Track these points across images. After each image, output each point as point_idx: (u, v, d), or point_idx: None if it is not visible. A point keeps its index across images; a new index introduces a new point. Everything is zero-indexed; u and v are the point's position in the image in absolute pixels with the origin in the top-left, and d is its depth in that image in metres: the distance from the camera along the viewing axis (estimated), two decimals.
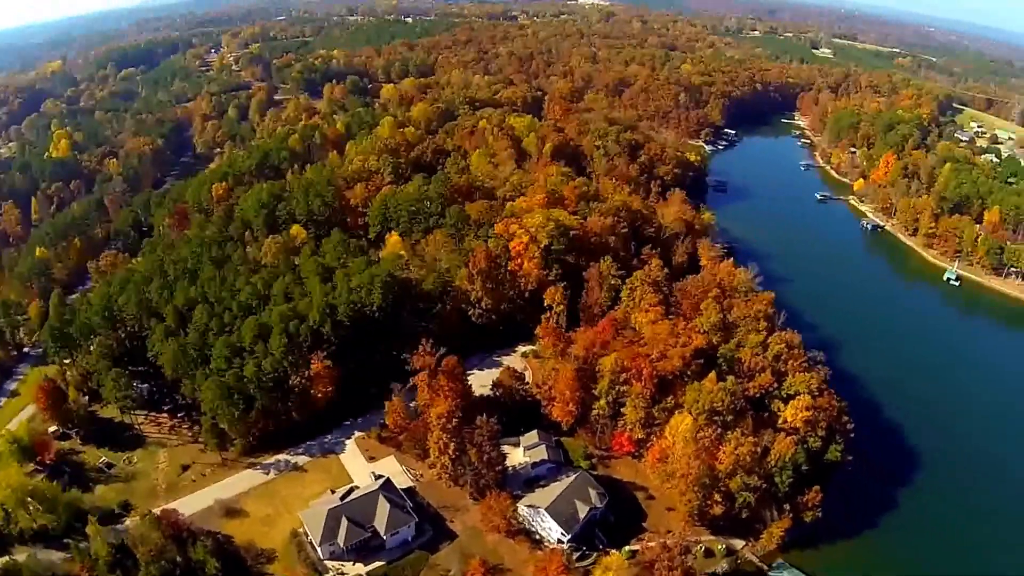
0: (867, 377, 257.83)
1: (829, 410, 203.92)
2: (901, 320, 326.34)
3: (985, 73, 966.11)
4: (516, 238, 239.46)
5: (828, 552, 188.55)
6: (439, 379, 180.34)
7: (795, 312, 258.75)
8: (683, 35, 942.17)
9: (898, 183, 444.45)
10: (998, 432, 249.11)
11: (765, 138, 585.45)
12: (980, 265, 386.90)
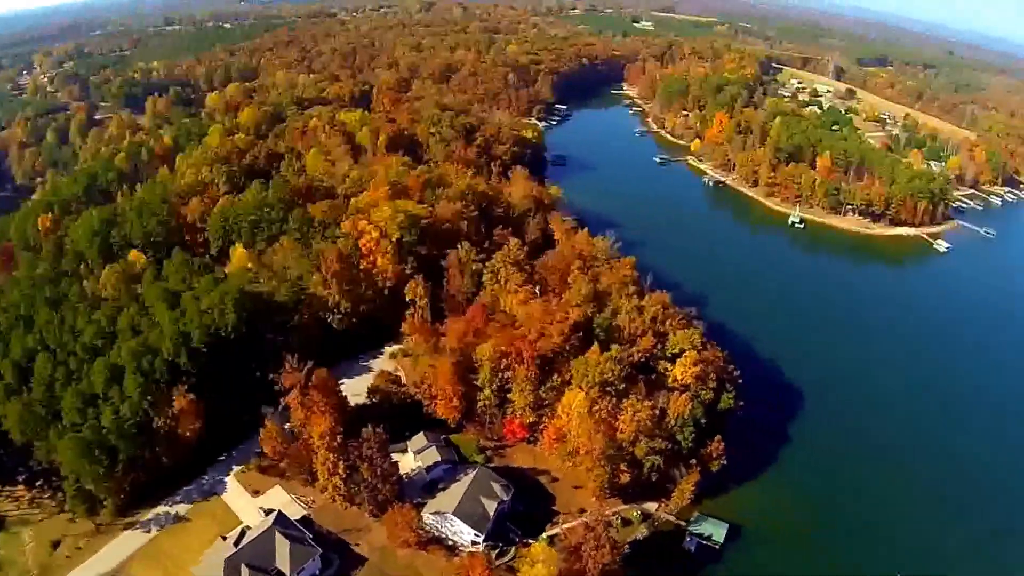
0: (736, 322, 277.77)
1: (715, 361, 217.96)
2: (757, 265, 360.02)
3: (796, 35, 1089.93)
4: (366, 235, 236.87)
5: (739, 495, 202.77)
6: (312, 395, 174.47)
7: (658, 272, 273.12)
8: (505, 18, 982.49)
9: (734, 140, 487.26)
10: (861, 352, 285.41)
11: (596, 110, 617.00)
12: (820, 207, 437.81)
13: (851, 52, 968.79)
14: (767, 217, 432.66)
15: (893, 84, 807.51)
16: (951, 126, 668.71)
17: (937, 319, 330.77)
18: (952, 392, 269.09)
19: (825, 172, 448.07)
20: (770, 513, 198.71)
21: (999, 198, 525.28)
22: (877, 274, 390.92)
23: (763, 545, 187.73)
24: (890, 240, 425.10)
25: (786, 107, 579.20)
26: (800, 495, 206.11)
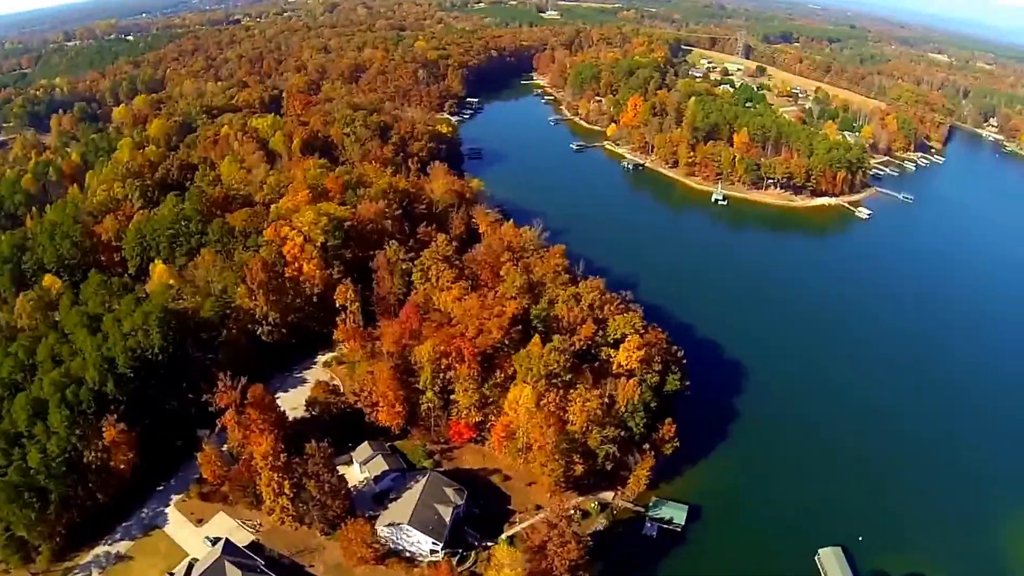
0: (669, 302, 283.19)
1: (658, 344, 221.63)
2: (684, 245, 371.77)
3: (702, 17, 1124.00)
4: (289, 241, 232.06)
5: (695, 476, 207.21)
6: (248, 413, 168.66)
7: (588, 259, 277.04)
8: (410, 15, 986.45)
9: (650, 122, 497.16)
10: (794, 323, 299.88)
11: (508, 102, 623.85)
12: (741, 183, 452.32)
13: (757, 30, 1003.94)
14: (689, 197, 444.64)
15: (801, 59, 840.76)
16: (860, 97, 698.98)
17: (865, 284, 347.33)
18: (886, 356, 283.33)
19: (744, 148, 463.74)
20: (727, 491, 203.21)
21: (913, 164, 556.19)
22: (803, 245, 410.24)
23: (724, 524, 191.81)
24: (813, 211, 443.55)
25: (700, 87, 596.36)
26: (753, 470, 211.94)
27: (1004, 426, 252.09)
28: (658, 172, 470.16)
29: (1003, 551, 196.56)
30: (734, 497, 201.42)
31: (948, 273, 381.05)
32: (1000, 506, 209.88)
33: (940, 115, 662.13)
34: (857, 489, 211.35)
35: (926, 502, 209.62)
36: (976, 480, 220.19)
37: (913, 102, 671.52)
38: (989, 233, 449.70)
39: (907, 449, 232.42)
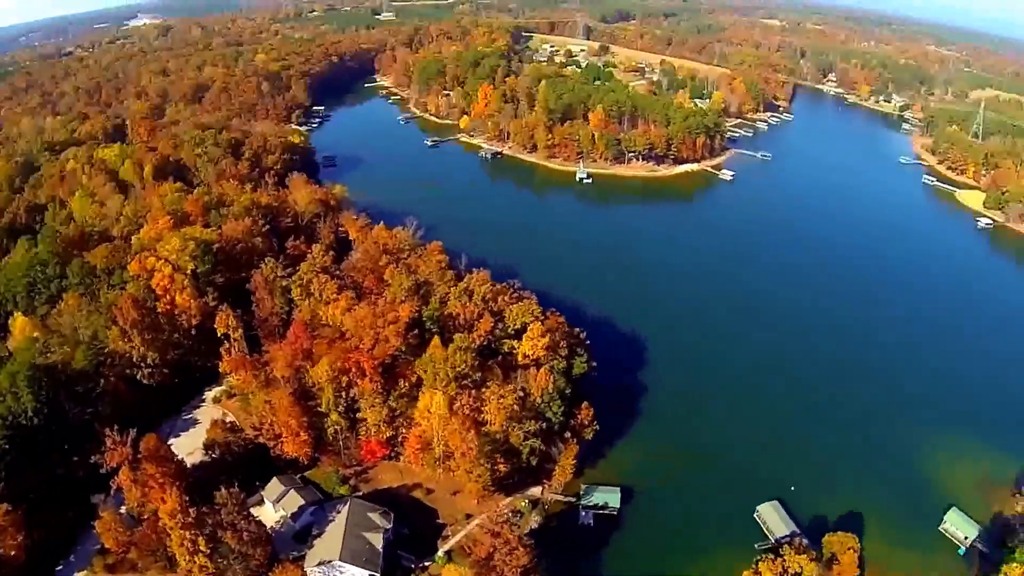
0: (555, 284, 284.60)
1: (560, 328, 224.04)
2: (555, 225, 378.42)
3: (538, 3, 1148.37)
4: (157, 273, 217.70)
5: (619, 457, 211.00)
6: (145, 468, 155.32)
7: (465, 252, 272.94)
8: (246, 29, 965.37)
9: (503, 109, 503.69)
10: (679, 289, 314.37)
11: (354, 107, 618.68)
12: (603, 159, 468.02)
13: (594, 11, 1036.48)
14: (552, 179, 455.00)
15: (642, 35, 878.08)
16: (705, 65, 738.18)
17: (740, 239, 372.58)
18: (774, 303, 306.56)
19: (601, 125, 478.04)
20: (655, 466, 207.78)
21: (765, 123, 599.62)
22: (674, 211, 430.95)
23: (658, 499, 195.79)
24: (677, 178, 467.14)
25: (548, 70, 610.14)
26: (676, 441, 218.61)
27: (897, 355, 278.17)
28: (517, 158, 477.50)
29: (921, 474, 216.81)
30: (663, 470, 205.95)
31: (812, 218, 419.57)
32: (912, 434, 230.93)
33: (783, 75, 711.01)
34: (780, 442, 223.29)
35: (846, 444, 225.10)
36: (886, 413, 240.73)
37: (756, 65, 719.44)
38: (842, 176, 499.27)
39: (815, 394, 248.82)
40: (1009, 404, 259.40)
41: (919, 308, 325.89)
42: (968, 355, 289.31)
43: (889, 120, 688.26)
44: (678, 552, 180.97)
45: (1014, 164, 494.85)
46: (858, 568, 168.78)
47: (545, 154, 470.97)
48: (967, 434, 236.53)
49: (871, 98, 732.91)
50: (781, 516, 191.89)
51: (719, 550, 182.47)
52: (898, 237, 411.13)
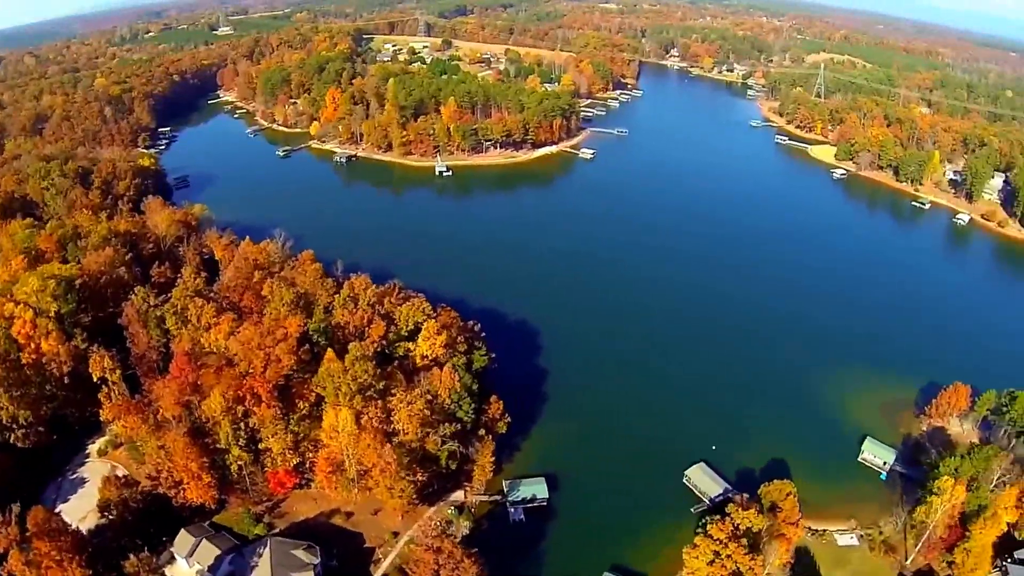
0: (432, 279, 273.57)
1: (453, 323, 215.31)
2: (419, 222, 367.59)
3: (375, 5, 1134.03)
4: (17, 319, 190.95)
5: (537, 445, 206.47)
6: (37, 547, 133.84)
7: (338, 258, 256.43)
8: (81, 55, 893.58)
9: (354, 111, 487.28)
10: (558, 270, 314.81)
11: (200, 125, 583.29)
12: (461, 151, 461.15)
13: (432, 8, 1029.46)
14: (411, 176, 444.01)
15: (483, 27, 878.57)
16: (549, 51, 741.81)
17: (610, 219, 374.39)
18: (650, 281, 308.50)
19: (455, 116, 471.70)
20: (575, 449, 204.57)
21: (616, 101, 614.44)
22: (538, 195, 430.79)
23: (586, 481, 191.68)
24: (538, 162, 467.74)
25: (394, 68, 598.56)
26: (591, 421, 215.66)
27: (783, 306, 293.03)
28: (373, 159, 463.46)
29: (830, 412, 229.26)
30: (583, 452, 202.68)
31: (677, 186, 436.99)
32: (813, 377, 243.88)
33: (628, 54, 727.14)
34: (690, 407, 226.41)
35: (754, 397, 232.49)
36: (784, 361, 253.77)
37: (600, 46, 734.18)
38: (699, 143, 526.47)
39: (713, 356, 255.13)
40: (893, 335, 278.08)
41: (796, 260, 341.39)
42: (848, 296, 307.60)
43: (734, 88, 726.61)
44: (616, 531, 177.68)
45: (858, 118, 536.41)
46: (799, 512, 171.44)
47: (401, 152, 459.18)
48: (863, 369, 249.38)
49: (714, 69, 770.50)
50: (710, 476, 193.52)
51: (656, 520, 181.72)
52: (763, 195, 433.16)
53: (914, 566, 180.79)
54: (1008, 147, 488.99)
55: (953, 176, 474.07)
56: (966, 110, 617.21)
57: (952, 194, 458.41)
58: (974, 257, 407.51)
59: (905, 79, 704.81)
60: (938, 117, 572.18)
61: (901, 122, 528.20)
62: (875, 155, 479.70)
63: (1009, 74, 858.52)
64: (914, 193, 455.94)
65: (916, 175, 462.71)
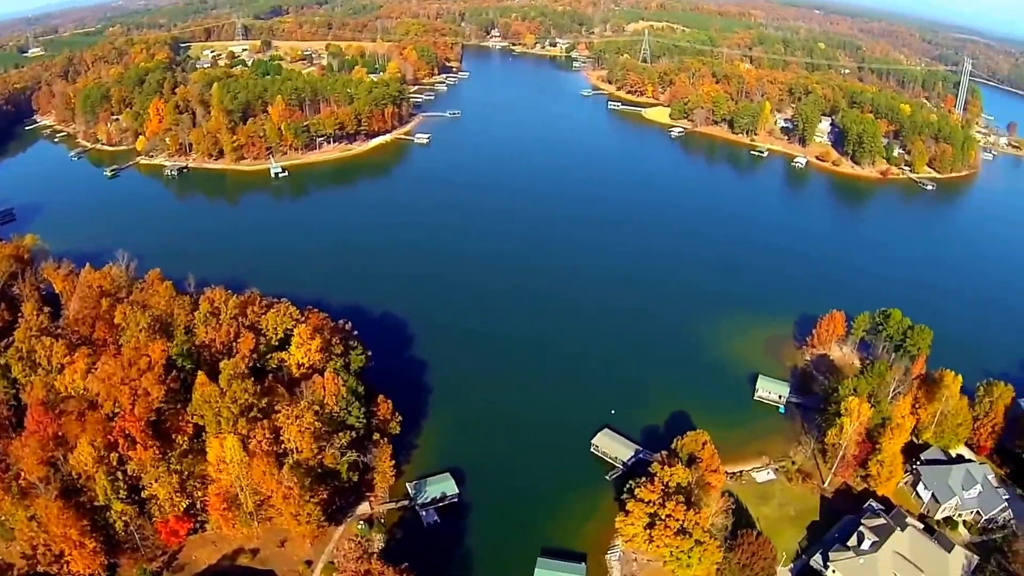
0: (285, 282, 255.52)
1: (324, 325, 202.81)
2: (263, 227, 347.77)
3: (188, 14, 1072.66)
4: None
5: (435, 442, 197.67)
6: None
7: (187, 273, 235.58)
8: None
9: (180, 121, 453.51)
10: (415, 253, 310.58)
11: (19, 153, 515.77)
12: (294, 149, 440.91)
13: (247, 11, 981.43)
14: (245, 181, 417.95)
15: (301, 24, 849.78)
16: (370, 43, 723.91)
17: (453, 202, 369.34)
18: (514, 259, 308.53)
19: (284, 115, 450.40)
20: (476, 438, 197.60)
21: (444, 85, 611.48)
22: (377, 186, 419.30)
23: (492, 471, 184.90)
24: (374, 152, 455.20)
25: (218, 72, 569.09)
26: (484, 407, 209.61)
27: (648, 264, 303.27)
28: (205, 168, 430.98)
29: (717, 357, 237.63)
30: (484, 438, 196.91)
31: (519, 161, 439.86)
32: (693, 327, 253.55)
33: (450, 38, 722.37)
34: (579, 376, 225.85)
35: (641, 355, 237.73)
36: (662, 315, 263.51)
37: (421, 33, 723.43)
38: (533, 116, 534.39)
39: (590, 323, 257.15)
40: (761, 278, 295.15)
41: (652, 221, 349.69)
42: (710, 248, 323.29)
43: (558, 62, 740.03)
44: (536, 513, 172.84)
45: (687, 78, 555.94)
46: (715, 451, 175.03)
47: (233, 157, 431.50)
48: (740, 314, 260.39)
49: (536, 46, 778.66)
50: (618, 440, 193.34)
51: (574, 495, 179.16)
52: (605, 161, 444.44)
53: (832, 487, 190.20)
54: (831, 92, 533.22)
55: (784, 124, 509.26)
56: (785, 63, 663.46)
57: (786, 140, 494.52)
58: (817, 195, 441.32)
59: (725, 39, 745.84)
60: (763, 71, 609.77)
61: (729, 78, 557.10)
62: (709, 111, 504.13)
63: (816, 29, 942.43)
64: (751, 143, 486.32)
65: (750, 126, 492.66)
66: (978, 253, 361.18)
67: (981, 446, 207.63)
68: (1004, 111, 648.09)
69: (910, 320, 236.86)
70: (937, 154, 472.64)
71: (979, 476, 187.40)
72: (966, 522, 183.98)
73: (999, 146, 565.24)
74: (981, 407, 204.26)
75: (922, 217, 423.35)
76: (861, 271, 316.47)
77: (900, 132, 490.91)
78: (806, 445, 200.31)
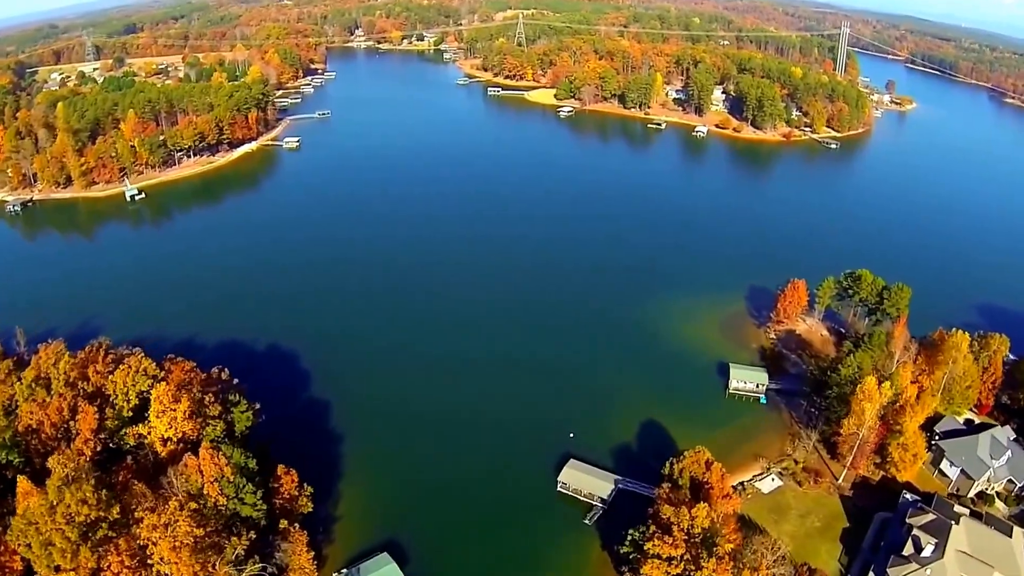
0: (141, 327, 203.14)
1: (194, 378, 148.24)
2: (118, 264, 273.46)
3: (37, 39, 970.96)
4: None
5: (360, 508, 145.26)
6: None
7: (15, 327, 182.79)
8: None
9: (22, 147, 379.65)
10: (276, 275, 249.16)
11: None
12: (151, 167, 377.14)
13: (99, 31, 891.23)
14: (98, 209, 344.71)
15: (156, 39, 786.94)
16: (229, 53, 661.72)
17: (334, 208, 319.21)
18: (404, 267, 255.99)
19: (138, 130, 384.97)
20: (410, 498, 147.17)
21: (309, 87, 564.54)
22: (245, 200, 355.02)
23: (442, 538, 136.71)
24: (240, 162, 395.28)
25: (62, 92, 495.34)
26: (413, 456, 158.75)
27: (569, 255, 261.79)
28: (53, 199, 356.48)
29: (676, 354, 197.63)
30: (424, 496, 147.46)
31: (394, 157, 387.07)
32: (641, 323, 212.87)
33: (313, 39, 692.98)
34: (523, 397, 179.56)
35: (587, 364, 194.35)
36: (596, 318, 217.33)
37: (283, 36, 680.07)
38: (409, 109, 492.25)
39: (518, 334, 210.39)
40: (691, 256, 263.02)
41: (556, 206, 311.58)
42: (629, 231, 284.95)
43: (427, 56, 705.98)
44: None
45: (569, 57, 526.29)
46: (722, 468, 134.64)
47: (83, 183, 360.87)
48: (682, 295, 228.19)
49: (404, 41, 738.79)
50: (590, 472, 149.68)
51: (552, 553, 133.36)
52: (495, 149, 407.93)
53: (847, 482, 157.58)
54: (720, 61, 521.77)
55: (676, 95, 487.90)
56: (664, 38, 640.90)
57: (682, 111, 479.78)
58: (725, 164, 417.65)
59: (601, 19, 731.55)
60: (647, 45, 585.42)
61: (613, 54, 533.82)
62: (597, 88, 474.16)
63: (685, 7, 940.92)
64: (646, 116, 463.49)
65: (643, 99, 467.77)
66: (907, 202, 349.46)
67: (984, 405, 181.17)
68: (874, 72, 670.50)
69: (884, 280, 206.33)
70: (834, 113, 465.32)
71: (1004, 440, 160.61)
72: (999, 494, 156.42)
73: (884, 103, 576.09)
74: (980, 363, 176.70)
75: (838, 174, 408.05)
76: (793, 236, 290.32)
77: (794, 95, 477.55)
78: (805, 438, 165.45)
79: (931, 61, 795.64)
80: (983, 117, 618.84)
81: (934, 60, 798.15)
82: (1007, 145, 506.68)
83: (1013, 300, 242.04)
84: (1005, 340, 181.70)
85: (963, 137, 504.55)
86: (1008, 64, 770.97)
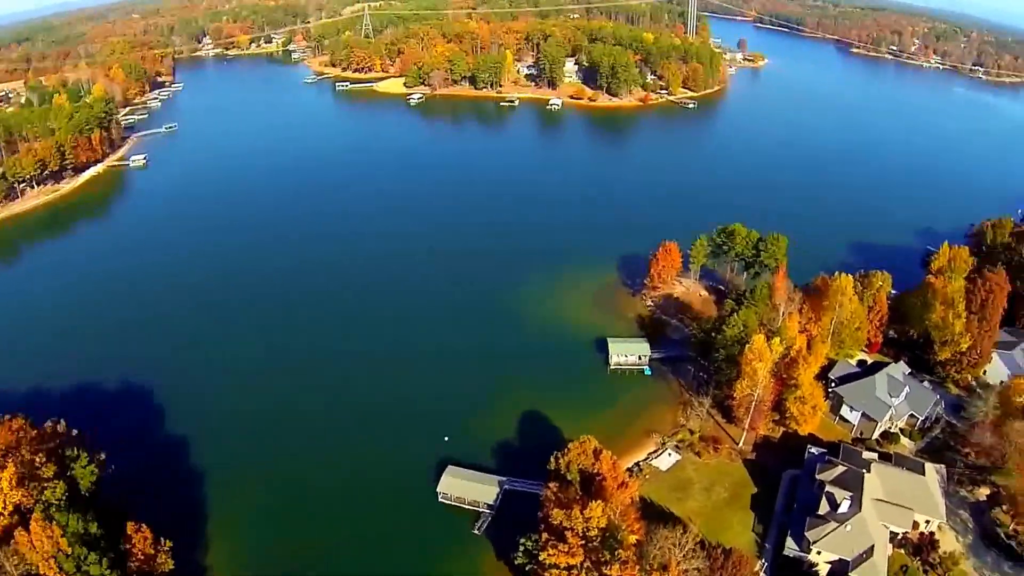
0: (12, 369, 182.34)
1: (24, 435, 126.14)
2: None
3: None
4: None
5: (228, 555, 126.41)
6: None
7: None
8: None
9: None
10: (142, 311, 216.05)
11: None
12: None
13: None
14: None
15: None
16: (73, 73, 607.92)
17: (187, 224, 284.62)
18: (264, 273, 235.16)
19: None
20: (288, 534, 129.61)
21: (156, 101, 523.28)
22: (92, 230, 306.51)
23: (314, 558, 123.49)
24: (87, 187, 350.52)
25: None
26: (286, 490, 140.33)
27: (418, 255, 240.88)
28: None
29: (548, 336, 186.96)
30: (301, 536, 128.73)
31: (242, 165, 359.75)
32: (504, 305, 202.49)
33: (159, 51, 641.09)
34: (388, 405, 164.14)
35: (454, 361, 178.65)
36: (455, 308, 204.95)
37: (129, 50, 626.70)
38: (251, 116, 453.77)
39: (381, 329, 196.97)
40: (551, 231, 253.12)
41: (408, 196, 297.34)
42: (486, 214, 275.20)
43: (276, 58, 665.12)
44: None
45: (417, 44, 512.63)
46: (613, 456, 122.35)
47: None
48: (547, 271, 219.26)
49: (252, 45, 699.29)
50: (470, 477, 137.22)
51: (446, 566, 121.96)
52: (344, 146, 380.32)
53: (748, 444, 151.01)
54: (570, 33, 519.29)
55: (528, 71, 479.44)
56: (514, 16, 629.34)
57: (534, 87, 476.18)
58: (582, 133, 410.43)
59: (448, 4, 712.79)
60: (495, 24, 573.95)
61: (461, 36, 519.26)
62: (446, 71, 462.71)
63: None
64: (498, 95, 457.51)
65: (494, 78, 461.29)
66: (768, 154, 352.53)
67: (874, 343, 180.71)
68: (726, 33, 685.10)
69: (758, 232, 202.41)
70: (689, 74, 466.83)
71: (900, 376, 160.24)
72: (903, 430, 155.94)
73: (737, 60, 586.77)
74: (865, 303, 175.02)
75: (699, 132, 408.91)
76: (661, 199, 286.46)
77: (648, 60, 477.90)
78: (697, 406, 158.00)
79: (779, 18, 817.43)
80: (831, 66, 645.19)
81: (781, 17, 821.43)
82: (857, 87, 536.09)
83: (887, 236, 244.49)
84: (887, 276, 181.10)
85: (816, 84, 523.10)
86: (851, 17, 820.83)
